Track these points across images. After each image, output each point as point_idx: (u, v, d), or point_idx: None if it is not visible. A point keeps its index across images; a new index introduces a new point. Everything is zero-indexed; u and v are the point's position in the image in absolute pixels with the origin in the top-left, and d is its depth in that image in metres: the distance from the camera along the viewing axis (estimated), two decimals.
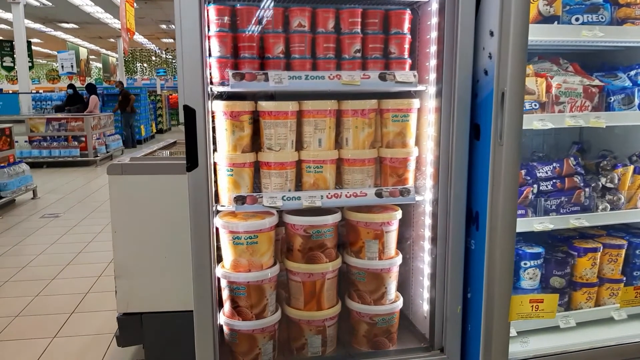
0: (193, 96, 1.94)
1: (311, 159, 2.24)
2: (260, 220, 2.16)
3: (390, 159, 2.31)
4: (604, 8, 2.29)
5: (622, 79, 2.46)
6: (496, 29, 2.01)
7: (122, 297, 3.10)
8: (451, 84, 2.15)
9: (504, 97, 1.99)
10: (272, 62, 2.20)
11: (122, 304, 3.10)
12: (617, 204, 2.45)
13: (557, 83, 2.31)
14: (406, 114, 2.28)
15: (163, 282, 3.13)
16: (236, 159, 2.17)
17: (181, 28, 1.92)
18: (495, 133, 2.05)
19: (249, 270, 2.17)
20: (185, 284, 3.14)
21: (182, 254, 3.08)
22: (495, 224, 2.08)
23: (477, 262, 2.21)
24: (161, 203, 3.10)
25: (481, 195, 2.16)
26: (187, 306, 3.16)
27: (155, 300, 3.11)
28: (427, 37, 2.30)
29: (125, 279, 3.11)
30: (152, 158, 3.72)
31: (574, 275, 2.47)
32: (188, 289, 3.16)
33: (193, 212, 2.02)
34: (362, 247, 2.32)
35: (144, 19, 19.57)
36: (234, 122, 2.15)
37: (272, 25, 2.18)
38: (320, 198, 2.19)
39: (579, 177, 2.47)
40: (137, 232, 3.09)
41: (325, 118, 2.22)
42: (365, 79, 2.16)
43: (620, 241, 2.51)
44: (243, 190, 2.20)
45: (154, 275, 3.13)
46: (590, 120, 2.29)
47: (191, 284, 3.11)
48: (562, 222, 2.35)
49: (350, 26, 2.23)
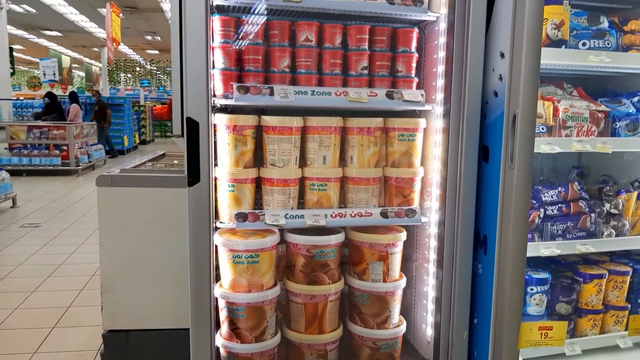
0: (197, 108, 1.87)
1: (315, 177, 2.17)
2: (261, 239, 2.08)
3: (395, 178, 2.25)
4: (610, 34, 2.30)
5: (627, 105, 2.46)
6: (507, 51, 1.98)
7: (108, 313, 2.98)
8: (460, 104, 2.11)
9: (516, 120, 1.96)
10: (278, 76, 2.14)
11: (108, 320, 2.97)
12: (621, 230, 2.43)
13: (564, 107, 2.29)
14: (413, 134, 2.24)
15: (152, 298, 3.02)
16: (238, 175, 2.09)
17: (186, 37, 1.85)
18: (506, 156, 2.01)
19: (249, 291, 2.08)
20: (175, 301, 3.05)
21: (172, 269, 3.00)
22: (506, 248, 2.03)
23: (484, 286, 2.16)
24: (152, 217, 3.01)
25: (490, 219, 2.12)
26: (176, 324, 3.05)
27: (143, 317, 3.00)
28: (434, 57, 2.26)
29: (112, 294, 3.00)
30: (142, 170, 3.62)
31: (579, 301, 2.43)
32: (178, 306, 3.07)
33: (193, 229, 1.93)
34: (366, 269, 2.24)
35: (129, 30, 19.45)
36: (237, 136, 2.07)
37: (278, 39, 2.12)
38: (324, 217, 2.12)
39: (584, 202, 2.44)
40: (126, 246, 2.99)
41: (330, 135, 2.16)
42: (373, 96, 2.11)
43: (625, 268, 2.49)
44: (244, 207, 2.11)
45: (142, 291, 3.02)
46: (597, 145, 2.28)
47: (181, 301, 3.02)
48: (568, 247, 2.31)
49: (357, 43, 2.18)
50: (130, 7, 15.71)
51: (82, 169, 11.25)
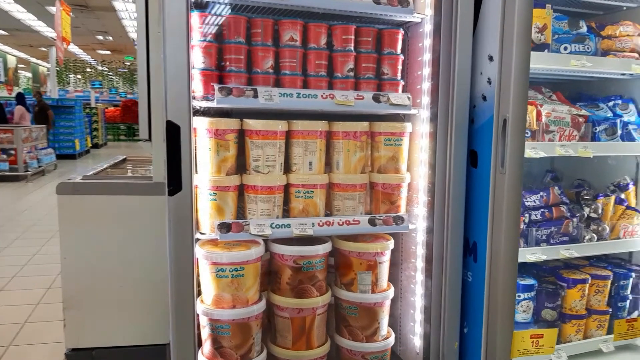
0: (178, 111, 1.73)
1: (301, 183, 2.07)
2: (246, 251, 1.96)
3: (382, 184, 2.18)
4: (590, 39, 2.31)
5: (605, 110, 2.49)
6: (496, 54, 1.95)
7: (71, 331, 2.81)
8: (447, 109, 2.06)
9: (506, 124, 1.92)
10: (261, 77, 2.03)
11: (72, 338, 2.81)
12: (601, 234, 2.44)
13: (547, 111, 2.28)
14: (399, 138, 2.17)
15: (118, 314, 2.86)
16: (221, 182, 1.96)
17: (165, 35, 1.71)
18: (496, 161, 1.98)
19: (234, 307, 1.95)
20: (143, 316, 2.88)
21: (140, 283, 2.84)
22: (498, 255, 1.99)
23: (475, 295, 2.11)
24: (118, 226, 2.85)
25: (479, 225, 2.08)
26: (144, 340, 2.88)
27: (109, 334, 2.85)
28: (419, 59, 2.21)
29: (76, 310, 2.82)
30: (106, 176, 3.42)
31: (563, 307, 2.43)
32: (146, 321, 2.90)
33: (174, 241, 1.79)
34: (354, 279, 2.16)
35: (79, 29, 18.68)
36: (218, 141, 1.94)
37: (261, 38, 2.01)
38: (311, 226, 2.02)
39: (565, 206, 2.45)
40: (90, 258, 2.83)
41: (316, 139, 2.07)
42: (359, 99, 2.04)
43: (606, 272, 2.50)
44: (227, 217, 1.99)
45: (107, 307, 2.85)
46: (578, 149, 2.28)
47: (150, 316, 2.87)
48: (553, 252, 2.30)
49: (343, 43, 2.10)
50: (80, 5, 15.07)
51: (31, 174, 10.66)
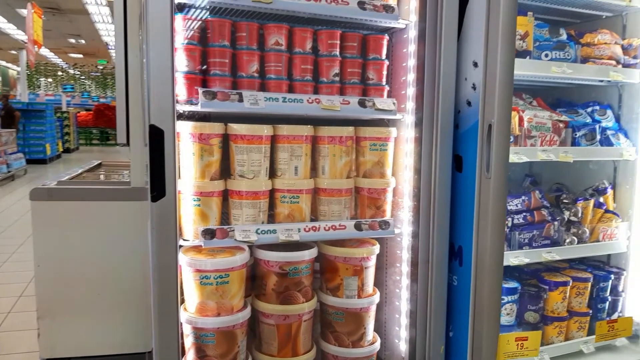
0: (161, 115, 1.69)
1: (286, 188, 2.04)
2: (231, 257, 1.92)
3: (368, 189, 2.17)
4: (570, 46, 2.36)
5: (584, 116, 2.54)
6: (481, 60, 1.97)
7: (45, 340, 2.73)
8: (433, 114, 2.07)
9: (492, 130, 1.94)
10: (246, 81, 2.00)
11: (46, 347, 2.73)
12: (582, 237, 2.49)
13: (529, 117, 2.32)
14: (385, 143, 2.17)
15: (94, 323, 2.79)
16: (205, 187, 1.92)
17: (149, 37, 1.67)
18: (481, 165, 1.99)
19: (218, 314, 1.91)
20: (121, 325, 2.81)
21: (117, 291, 2.79)
22: (483, 258, 2.00)
23: (460, 298, 2.12)
24: (94, 233, 2.79)
25: (465, 229, 2.09)
26: (121, 349, 2.82)
27: (85, 343, 2.78)
28: (403, 65, 2.22)
29: (50, 319, 2.75)
30: (81, 182, 3.34)
31: (545, 309, 2.46)
32: (123, 330, 2.83)
33: (157, 248, 1.74)
34: (340, 285, 2.14)
35: (51, 32, 18.27)
36: (202, 145, 1.91)
37: (246, 42, 1.99)
38: (297, 231, 2.00)
39: (546, 210, 2.48)
40: (65, 265, 2.76)
41: (301, 144, 2.05)
42: (345, 104, 2.03)
43: (586, 274, 2.55)
44: (211, 223, 1.95)
45: (83, 315, 2.78)
46: (559, 154, 2.32)
47: (128, 324, 2.80)
48: (535, 255, 2.33)
49: (329, 48, 2.09)
50: (52, 8, 14.74)
51: (0, 179, 10.35)
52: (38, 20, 11.99)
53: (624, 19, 2.59)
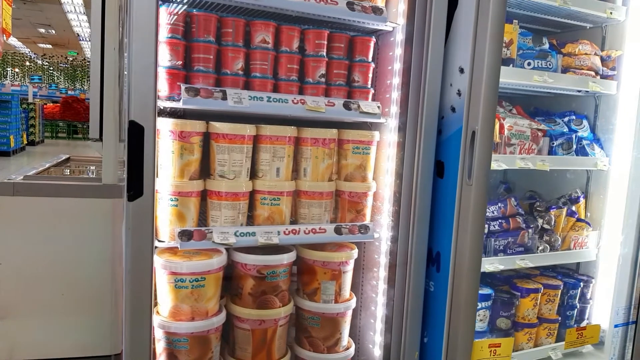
0: (142, 111, 1.63)
1: (267, 190, 2.00)
2: (207, 260, 1.87)
3: (349, 193, 2.15)
4: (552, 55, 2.39)
5: (561, 125, 2.58)
6: (467, 67, 1.97)
7: (5, 343, 2.62)
8: (416, 119, 2.07)
9: (475, 137, 1.94)
10: (230, 78, 1.95)
11: (4, 350, 2.63)
12: (554, 244, 2.53)
13: (509, 125, 2.34)
14: (368, 147, 2.15)
15: (58, 324, 2.70)
16: (183, 187, 1.86)
17: (132, 29, 1.60)
18: (463, 172, 2.00)
19: (192, 319, 1.85)
20: (86, 327, 2.71)
21: (83, 291, 2.70)
22: (462, 265, 2.00)
23: (436, 304, 2.12)
24: (61, 231, 2.70)
25: (443, 235, 2.09)
26: (86, 351, 2.72)
27: (47, 345, 2.68)
28: (389, 68, 2.21)
29: (11, 320, 2.65)
30: (49, 177, 3.22)
31: (517, 315, 2.49)
32: (89, 332, 2.73)
33: (132, 250, 1.67)
34: (317, 289, 2.11)
35: (20, 21, 17.70)
36: (183, 143, 1.85)
37: (232, 38, 1.94)
38: (277, 234, 1.96)
39: (521, 217, 2.51)
40: (29, 264, 2.66)
41: (284, 145, 2.01)
42: (330, 106, 2.01)
43: (557, 282, 2.59)
44: (188, 224, 1.89)
45: (47, 317, 2.68)
46: (537, 163, 2.35)
47: (92, 326, 2.71)
48: (509, 262, 2.36)
49: (316, 48, 2.06)
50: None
51: None
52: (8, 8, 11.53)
53: (603, 31, 2.64)
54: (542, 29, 2.69)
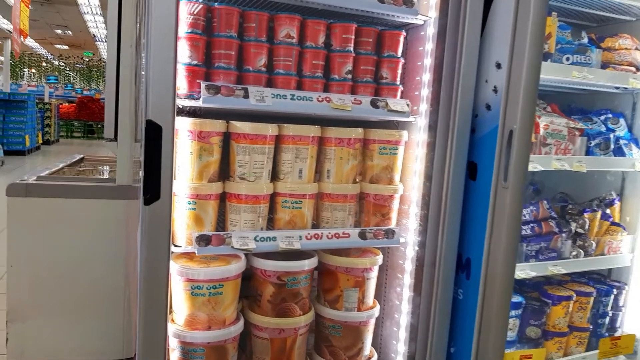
0: (161, 110, 1.53)
1: (289, 193, 1.90)
2: (226, 266, 1.77)
3: (374, 195, 2.04)
4: (591, 50, 2.25)
5: (598, 124, 2.45)
6: (505, 62, 1.85)
7: (15, 345, 2.57)
8: (448, 117, 1.95)
9: (512, 136, 1.82)
10: (252, 75, 1.85)
11: (15, 353, 2.57)
12: (587, 250, 2.39)
13: (545, 124, 2.21)
14: (395, 147, 2.04)
15: (69, 327, 2.65)
16: (201, 190, 1.77)
17: (150, 25, 1.50)
18: (498, 174, 1.88)
19: (209, 328, 1.76)
20: (99, 330, 2.64)
21: (96, 295, 2.64)
22: (494, 272, 1.88)
23: (465, 313, 2.00)
24: (74, 233, 2.64)
25: (474, 241, 1.97)
26: (98, 356, 2.66)
27: (58, 349, 2.63)
28: (418, 64, 2.09)
29: (21, 322, 2.59)
30: (62, 178, 3.15)
31: (547, 324, 2.37)
32: (102, 336, 2.66)
33: (147, 255, 1.58)
34: (339, 296, 2.01)
35: (37, 22, 17.82)
36: (202, 144, 1.76)
37: (255, 33, 1.84)
38: (299, 239, 1.86)
39: (553, 221, 2.39)
40: (40, 266, 2.61)
41: (307, 146, 1.91)
42: (357, 104, 1.90)
43: (589, 288, 2.46)
44: (206, 228, 1.80)
45: (58, 320, 2.64)
46: (573, 164, 2.22)
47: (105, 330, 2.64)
48: (541, 268, 2.23)
49: (342, 43, 1.95)
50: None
51: None
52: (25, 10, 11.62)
53: None
54: (577, 23, 2.55)
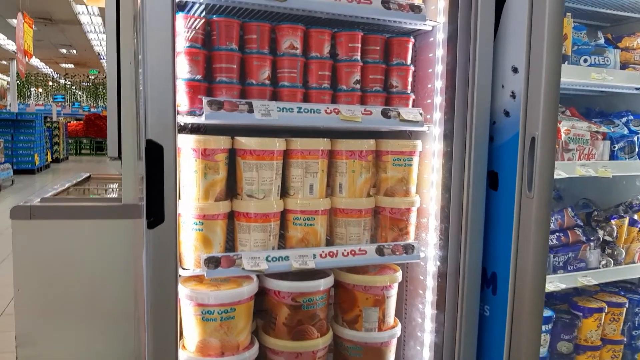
0: (161, 128, 1.45)
1: (300, 209, 1.81)
2: (237, 289, 1.68)
3: (390, 209, 1.94)
4: (609, 51, 2.15)
5: (621, 127, 2.33)
6: (522, 65, 1.76)
7: None
8: (464, 125, 1.85)
9: (535, 143, 1.72)
10: (256, 89, 1.77)
11: None
12: (617, 258, 2.27)
13: (566, 128, 2.10)
14: (410, 158, 1.95)
15: (79, 352, 2.52)
16: (208, 210, 1.68)
17: (146, 39, 1.44)
18: (521, 183, 1.77)
19: (222, 354, 1.66)
20: (107, 354, 2.55)
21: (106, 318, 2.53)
22: (523, 287, 1.77)
23: (493, 331, 1.89)
24: (80, 254, 2.54)
25: (500, 254, 1.86)
26: None
27: None
28: (429, 71, 2.00)
29: (30, 347, 2.47)
30: (67, 198, 3.07)
31: (578, 337, 2.24)
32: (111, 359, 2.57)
33: (153, 281, 1.49)
34: (358, 316, 1.90)
35: (42, 42, 18.00)
36: (207, 162, 1.67)
37: (257, 45, 1.76)
38: (312, 257, 1.76)
39: (580, 229, 2.27)
40: (48, 290, 2.50)
41: (317, 159, 1.82)
42: (367, 115, 1.81)
43: (621, 299, 2.34)
44: (215, 249, 1.71)
45: (67, 344, 2.51)
46: (598, 169, 2.11)
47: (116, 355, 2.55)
48: (570, 280, 2.11)
49: (349, 52, 1.87)
50: (44, 18, 14.48)
51: None
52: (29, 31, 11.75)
53: None
54: (591, 23, 2.45)
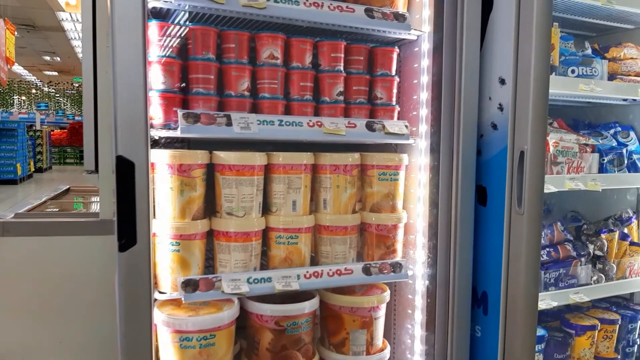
0: (132, 144, 1.37)
1: (282, 227, 1.73)
2: (217, 314, 1.59)
3: (377, 226, 1.87)
4: (596, 61, 2.11)
5: (609, 138, 2.29)
6: (510, 76, 1.70)
7: None
8: (451, 139, 1.79)
9: (524, 157, 1.66)
10: (235, 101, 1.69)
11: None
12: (608, 273, 2.22)
13: (555, 141, 2.05)
14: (396, 172, 1.88)
15: None
16: (185, 229, 1.59)
17: (115, 48, 1.35)
18: (511, 199, 1.71)
19: None
20: None
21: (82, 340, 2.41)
22: (514, 307, 1.71)
23: (485, 352, 1.82)
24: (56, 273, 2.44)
25: (490, 273, 1.80)
26: None
27: None
28: (414, 82, 1.94)
29: None
30: (42, 214, 2.96)
31: (571, 356, 2.18)
32: None
33: (125, 307, 1.40)
34: (345, 339, 1.82)
35: (25, 49, 17.77)
36: (183, 178, 1.58)
37: (235, 55, 1.68)
38: (296, 278, 1.68)
39: (570, 244, 2.22)
40: (23, 310, 2.39)
41: (300, 174, 1.74)
42: (351, 127, 1.74)
43: (614, 315, 2.28)
44: (193, 271, 1.62)
45: None
46: (587, 183, 2.06)
47: None
48: (562, 297, 2.05)
49: (332, 62, 1.80)
50: (27, 25, 14.29)
51: None
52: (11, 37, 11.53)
53: None
54: (577, 33, 2.41)
